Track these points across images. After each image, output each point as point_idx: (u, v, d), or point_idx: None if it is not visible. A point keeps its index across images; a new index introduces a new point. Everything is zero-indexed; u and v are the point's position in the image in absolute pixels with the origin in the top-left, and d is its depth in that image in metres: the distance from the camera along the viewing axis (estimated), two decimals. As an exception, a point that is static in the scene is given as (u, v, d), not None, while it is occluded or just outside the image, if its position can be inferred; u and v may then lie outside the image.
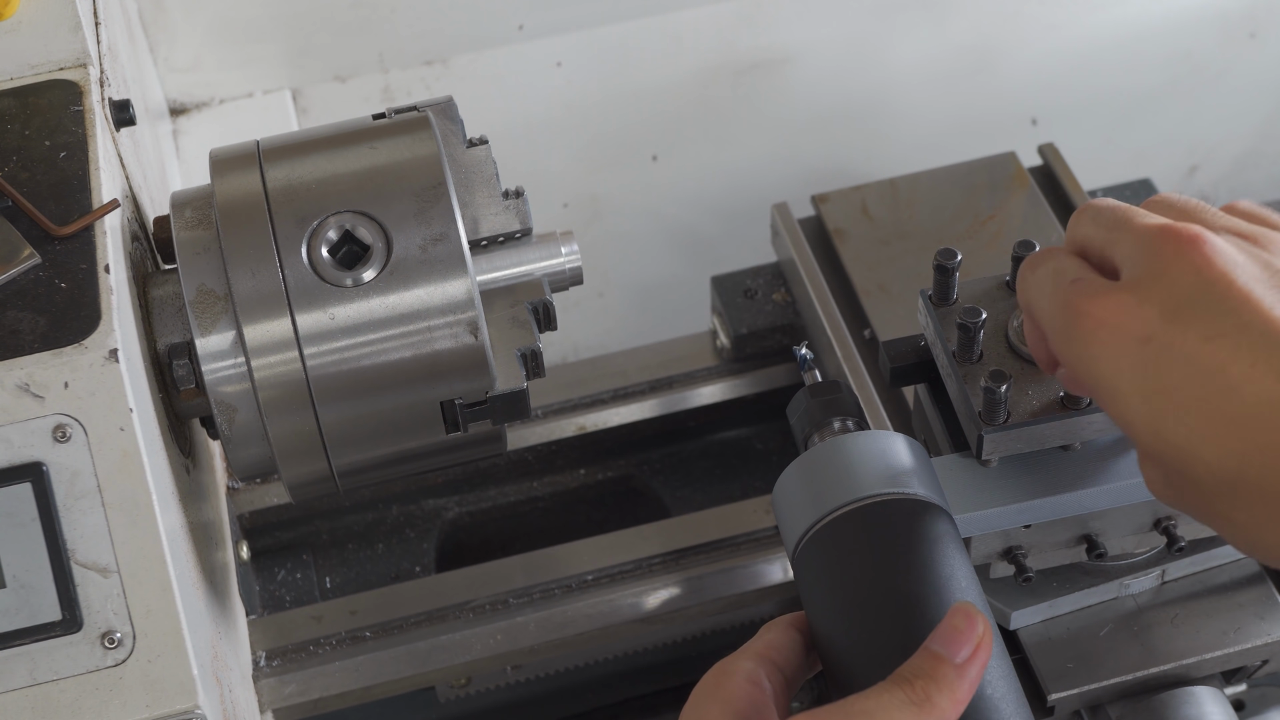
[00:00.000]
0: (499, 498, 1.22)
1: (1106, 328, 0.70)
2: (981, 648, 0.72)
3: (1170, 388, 0.68)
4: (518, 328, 0.88)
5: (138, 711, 0.79)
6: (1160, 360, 0.68)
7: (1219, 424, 0.67)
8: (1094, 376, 0.71)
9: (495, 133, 0.99)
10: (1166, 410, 0.68)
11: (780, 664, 0.77)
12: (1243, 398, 0.66)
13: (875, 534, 0.79)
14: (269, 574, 1.17)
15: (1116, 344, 0.70)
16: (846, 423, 0.89)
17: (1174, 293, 0.69)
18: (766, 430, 1.23)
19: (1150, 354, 0.69)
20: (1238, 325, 0.67)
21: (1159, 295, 0.69)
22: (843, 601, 0.78)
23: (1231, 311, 0.67)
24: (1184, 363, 0.67)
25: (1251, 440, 0.66)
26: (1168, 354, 0.68)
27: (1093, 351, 0.71)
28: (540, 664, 1.12)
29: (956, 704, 0.71)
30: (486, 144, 0.90)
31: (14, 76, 0.89)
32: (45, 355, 0.77)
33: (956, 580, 0.78)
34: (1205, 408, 0.67)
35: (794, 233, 1.17)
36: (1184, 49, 1.64)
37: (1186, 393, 0.67)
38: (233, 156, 0.88)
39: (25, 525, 0.77)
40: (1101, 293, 0.71)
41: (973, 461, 0.90)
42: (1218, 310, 0.68)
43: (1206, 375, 0.67)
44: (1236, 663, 0.97)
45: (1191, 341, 0.68)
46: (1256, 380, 0.66)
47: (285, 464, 0.86)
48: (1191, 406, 0.67)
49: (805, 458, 0.85)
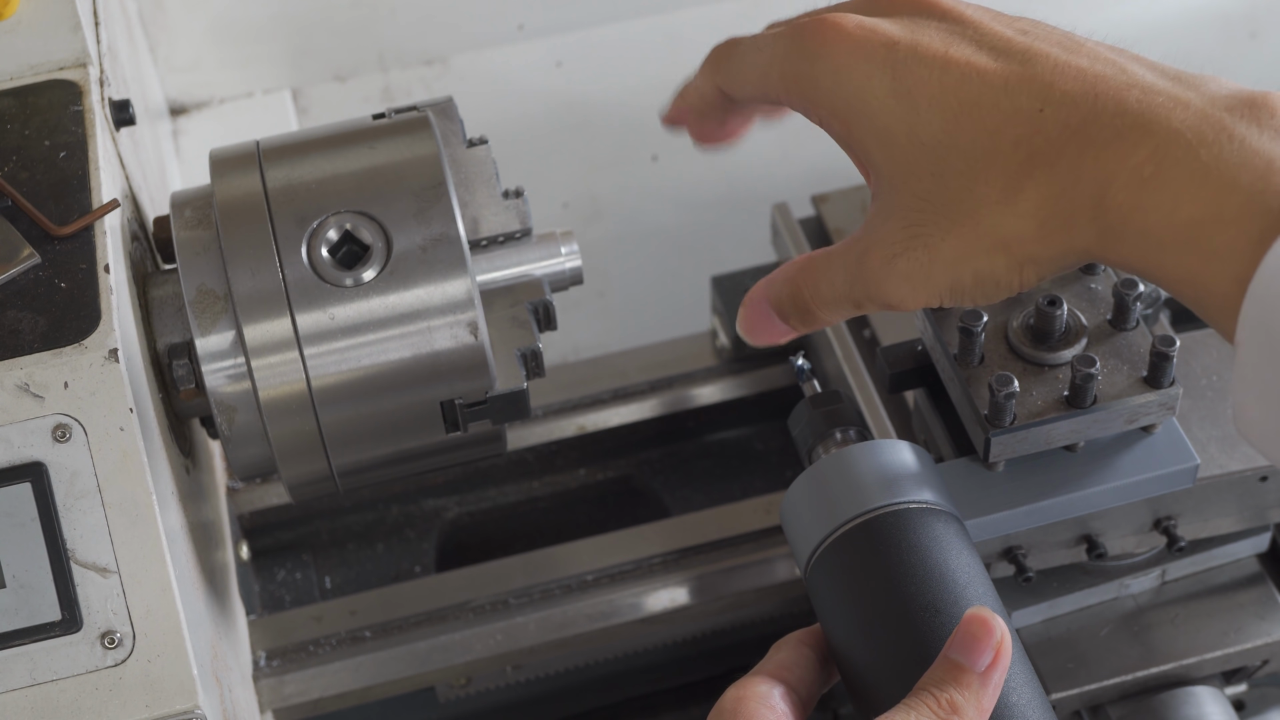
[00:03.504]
0: (499, 498, 1.22)
1: (853, 38, 0.73)
2: (1002, 653, 0.71)
3: (920, 83, 0.71)
4: (518, 328, 0.88)
5: (137, 711, 0.79)
6: (908, 61, 0.72)
7: (967, 108, 0.70)
8: (842, 88, 0.73)
9: (495, 133, 0.99)
10: (916, 107, 0.71)
11: (794, 683, 0.77)
12: (986, 83, 0.70)
13: (889, 544, 0.79)
14: (269, 574, 1.17)
15: (865, 50, 0.73)
16: (849, 432, 0.89)
17: (905, 13, 0.75)
18: (766, 430, 1.23)
19: (899, 56, 0.72)
20: (972, 35, 0.72)
21: (892, 17, 0.75)
22: (861, 614, 0.78)
23: (959, 20, 0.73)
24: (929, 62, 0.72)
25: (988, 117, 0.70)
26: (914, 55, 0.72)
27: (839, 62, 0.73)
28: (540, 664, 1.12)
29: (982, 712, 0.71)
30: (486, 144, 0.90)
31: (14, 76, 0.89)
32: (45, 355, 0.77)
33: (974, 586, 0.78)
34: (953, 97, 0.71)
35: (794, 233, 1.17)
36: (1184, 49, 1.64)
37: (936, 85, 0.71)
38: (232, 156, 0.88)
39: (25, 525, 0.77)
40: (840, 13, 0.75)
41: (978, 465, 0.90)
42: (948, 24, 0.73)
43: (951, 67, 0.71)
44: (1236, 663, 0.97)
45: (935, 45, 0.72)
46: (996, 73, 0.71)
47: (285, 464, 0.86)
48: (940, 98, 0.71)
49: (812, 472, 0.85)
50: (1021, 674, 0.75)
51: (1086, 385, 0.87)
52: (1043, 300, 0.89)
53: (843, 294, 0.76)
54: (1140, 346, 0.90)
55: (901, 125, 0.72)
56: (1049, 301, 0.89)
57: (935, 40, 0.72)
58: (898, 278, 0.73)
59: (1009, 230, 0.70)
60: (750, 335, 0.80)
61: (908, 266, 0.72)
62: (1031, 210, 0.69)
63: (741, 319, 0.80)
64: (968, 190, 0.70)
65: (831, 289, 0.76)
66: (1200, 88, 0.68)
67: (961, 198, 0.71)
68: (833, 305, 0.77)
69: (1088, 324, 0.90)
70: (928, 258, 0.72)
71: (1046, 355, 0.89)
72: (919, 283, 0.73)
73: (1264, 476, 0.95)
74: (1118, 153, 0.67)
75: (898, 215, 0.73)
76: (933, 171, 0.71)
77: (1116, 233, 0.67)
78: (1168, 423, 0.91)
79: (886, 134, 0.72)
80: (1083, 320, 0.90)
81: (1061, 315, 0.89)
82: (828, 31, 0.74)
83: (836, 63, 0.73)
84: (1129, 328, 0.90)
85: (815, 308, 0.77)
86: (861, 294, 0.75)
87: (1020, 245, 0.70)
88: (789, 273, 0.78)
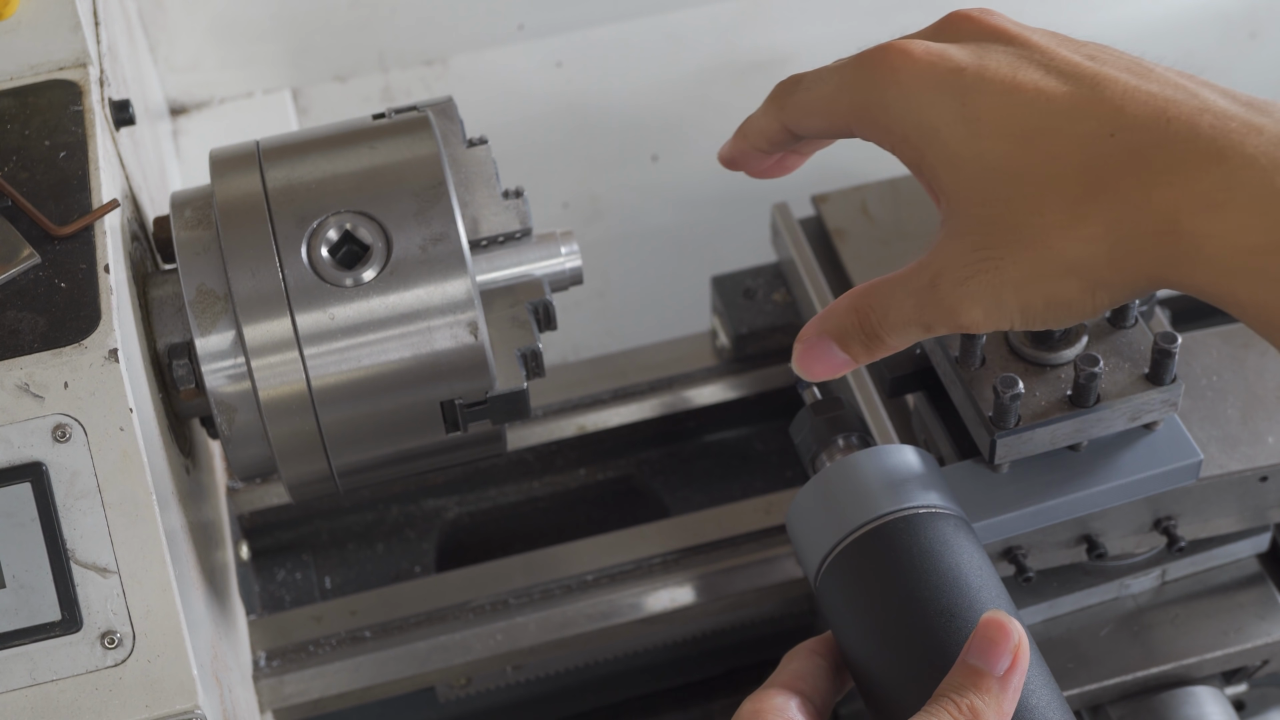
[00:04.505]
0: (499, 498, 1.22)
1: (921, 64, 0.74)
2: (1020, 656, 0.71)
3: (987, 108, 0.72)
4: (518, 328, 0.88)
5: (137, 712, 0.79)
6: (975, 86, 0.72)
7: (1033, 133, 0.71)
8: (912, 114, 0.74)
9: (495, 133, 0.99)
10: (984, 132, 0.71)
11: (809, 693, 0.77)
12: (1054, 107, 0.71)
13: (901, 550, 0.79)
14: (269, 574, 1.17)
15: (933, 76, 0.73)
16: (852, 438, 0.89)
17: (972, 39, 0.75)
18: (766, 430, 1.23)
19: (966, 81, 0.72)
20: (1039, 60, 0.72)
21: (959, 43, 0.75)
22: (875, 622, 0.78)
23: (1026, 45, 0.74)
24: (996, 87, 0.72)
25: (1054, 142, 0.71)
26: (981, 80, 0.72)
27: (908, 88, 0.74)
28: (540, 664, 1.12)
29: (1003, 716, 0.71)
30: (486, 144, 0.90)
31: (14, 76, 0.89)
32: (45, 355, 0.77)
33: (987, 589, 0.78)
34: (1020, 122, 0.71)
35: (794, 233, 1.17)
36: (1184, 49, 1.64)
37: (1003, 110, 0.71)
38: (232, 156, 0.88)
39: (25, 525, 0.77)
40: (908, 40, 0.75)
41: (982, 467, 0.90)
42: (1015, 49, 0.74)
43: (1018, 92, 0.71)
44: (1237, 663, 0.97)
45: (1003, 70, 0.72)
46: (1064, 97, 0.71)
47: (285, 464, 0.86)
48: (1007, 123, 0.71)
49: (818, 480, 0.84)
50: (1039, 676, 0.75)
51: (1090, 384, 0.87)
52: (1043, 300, 0.89)
53: (912, 318, 0.75)
54: (1140, 344, 0.90)
55: (969, 150, 0.72)
56: (1049, 301, 0.89)
57: (1002, 65, 0.72)
58: (969, 300, 0.73)
59: (1077, 255, 0.70)
60: (808, 371, 0.79)
61: (978, 289, 0.72)
62: (1100, 235, 0.69)
63: (799, 356, 0.79)
64: (1036, 214, 0.70)
65: (901, 313, 0.75)
66: (1273, 113, 0.68)
67: (1029, 222, 0.70)
68: (902, 329, 0.76)
69: (1087, 323, 0.90)
70: (998, 280, 0.72)
71: (1048, 355, 0.89)
72: (990, 305, 0.72)
73: (1264, 476, 0.95)
74: (1188, 178, 0.67)
75: (967, 238, 0.72)
76: (1001, 196, 0.71)
77: (1189, 258, 0.67)
78: (1169, 420, 0.91)
79: (955, 159, 0.72)
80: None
81: (1062, 315, 0.89)
82: (896, 58, 0.74)
83: (905, 89, 0.74)
84: (1128, 325, 0.90)
85: (884, 333, 0.76)
86: (933, 317, 0.74)
87: (1090, 270, 0.70)
88: (851, 302, 0.77)
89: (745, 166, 0.85)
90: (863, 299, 0.77)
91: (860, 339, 0.77)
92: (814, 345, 0.78)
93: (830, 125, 0.78)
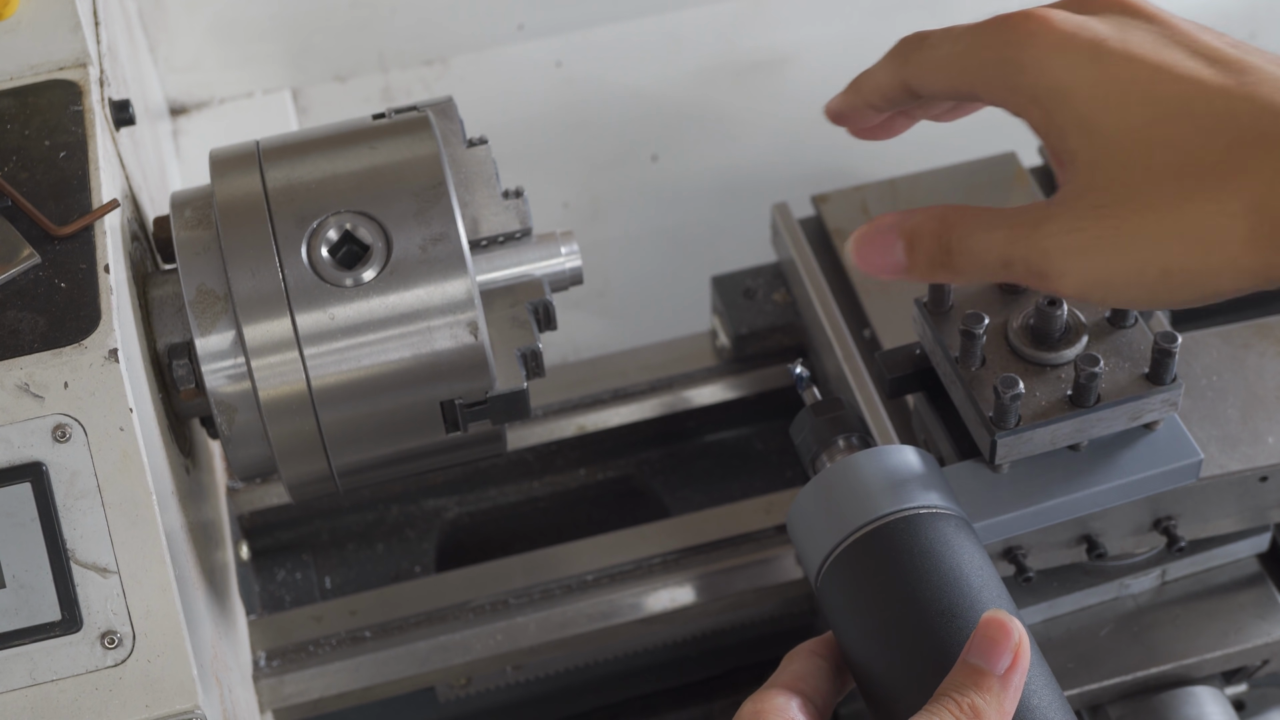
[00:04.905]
0: (499, 498, 1.22)
1: (1060, 31, 0.72)
2: (1021, 655, 0.71)
3: (1130, 80, 0.71)
4: (518, 328, 0.88)
5: (137, 712, 0.79)
6: (1117, 58, 0.71)
7: (1180, 108, 0.69)
8: (1046, 76, 0.72)
9: (495, 133, 0.99)
10: (1125, 101, 0.71)
11: (810, 694, 0.77)
12: (1201, 87, 0.70)
13: (902, 551, 0.79)
14: (269, 574, 1.17)
15: (1073, 43, 0.72)
16: (852, 439, 0.89)
17: (1112, 13, 0.74)
18: (766, 430, 1.23)
19: (1107, 51, 0.71)
20: (1182, 41, 0.72)
21: (1099, 16, 0.74)
22: (876, 622, 0.78)
23: (1168, 26, 0.73)
24: (1140, 61, 0.71)
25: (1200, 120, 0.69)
26: (1124, 53, 0.71)
27: (1044, 51, 0.72)
28: (540, 664, 1.12)
29: (1004, 715, 0.71)
30: (486, 144, 0.90)
31: (14, 76, 0.89)
32: (45, 355, 0.77)
33: (988, 589, 0.78)
34: (1166, 96, 0.70)
35: (794, 233, 1.17)
36: (1184, 49, 1.64)
37: (1147, 83, 0.70)
38: (232, 156, 0.88)
39: (25, 525, 0.77)
40: (1048, 8, 0.74)
41: (982, 468, 0.90)
42: (1157, 28, 0.73)
43: (1164, 68, 0.70)
44: (1237, 663, 0.97)
45: (1146, 46, 0.71)
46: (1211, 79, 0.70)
47: (285, 464, 0.86)
48: (1151, 95, 0.70)
49: (818, 481, 0.84)
50: (1040, 675, 0.75)
51: (1090, 384, 0.87)
52: (1042, 300, 0.89)
53: (998, 251, 0.72)
54: (1140, 344, 0.90)
55: (1108, 118, 0.70)
56: (1049, 302, 0.89)
57: (1146, 42, 0.72)
58: (1071, 252, 0.70)
59: (1212, 227, 0.68)
60: (861, 257, 0.76)
61: (1086, 242, 0.70)
62: (1240, 212, 0.67)
63: (859, 238, 0.75)
64: (1173, 180, 0.69)
65: (986, 241, 0.72)
66: None
67: (1164, 187, 0.69)
68: (978, 258, 0.73)
69: (1087, 323, 0.90)
70: (1114, 236, 0.69)
71: (1048, 355, 0.89)
72: (1091, 262, 0.70)
73: (1264, 476, 0.95)
74: None
75: (1088, 197, 0.70)
76: (1138, 162, 0.69)
77: None
78: (1169, 419, 0.91)
79: (1087, 123, 0.71)
80: (1082, 319, 0.90)
81: (1062, 315, 0.89)
82: (1034, 24, 0.73)
83: (1042, 52, 0.72)
84: (1128, 325, 0.90)
85: (957, 254, 0.73)
86: (1020, 255, 0.71)
87: (1223, 246, 0.68)
88: (939, 211, 0.74)
89: (853, 122, 0.83)
90: (954, 212, 0.74)
91: (931, 249, 0.74)
92: (880, 236, 0.75)
93: (955, 84, 0.76)
